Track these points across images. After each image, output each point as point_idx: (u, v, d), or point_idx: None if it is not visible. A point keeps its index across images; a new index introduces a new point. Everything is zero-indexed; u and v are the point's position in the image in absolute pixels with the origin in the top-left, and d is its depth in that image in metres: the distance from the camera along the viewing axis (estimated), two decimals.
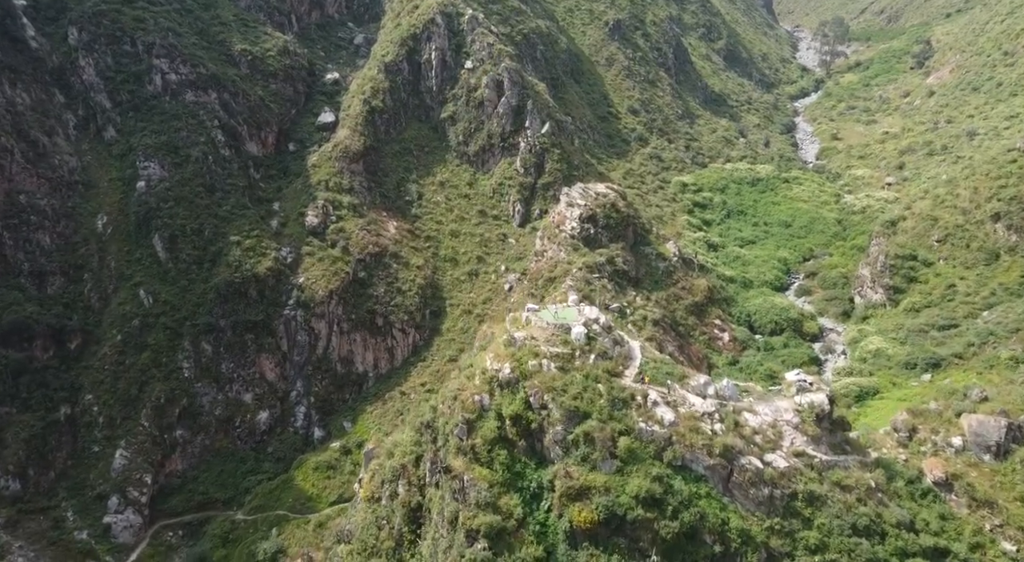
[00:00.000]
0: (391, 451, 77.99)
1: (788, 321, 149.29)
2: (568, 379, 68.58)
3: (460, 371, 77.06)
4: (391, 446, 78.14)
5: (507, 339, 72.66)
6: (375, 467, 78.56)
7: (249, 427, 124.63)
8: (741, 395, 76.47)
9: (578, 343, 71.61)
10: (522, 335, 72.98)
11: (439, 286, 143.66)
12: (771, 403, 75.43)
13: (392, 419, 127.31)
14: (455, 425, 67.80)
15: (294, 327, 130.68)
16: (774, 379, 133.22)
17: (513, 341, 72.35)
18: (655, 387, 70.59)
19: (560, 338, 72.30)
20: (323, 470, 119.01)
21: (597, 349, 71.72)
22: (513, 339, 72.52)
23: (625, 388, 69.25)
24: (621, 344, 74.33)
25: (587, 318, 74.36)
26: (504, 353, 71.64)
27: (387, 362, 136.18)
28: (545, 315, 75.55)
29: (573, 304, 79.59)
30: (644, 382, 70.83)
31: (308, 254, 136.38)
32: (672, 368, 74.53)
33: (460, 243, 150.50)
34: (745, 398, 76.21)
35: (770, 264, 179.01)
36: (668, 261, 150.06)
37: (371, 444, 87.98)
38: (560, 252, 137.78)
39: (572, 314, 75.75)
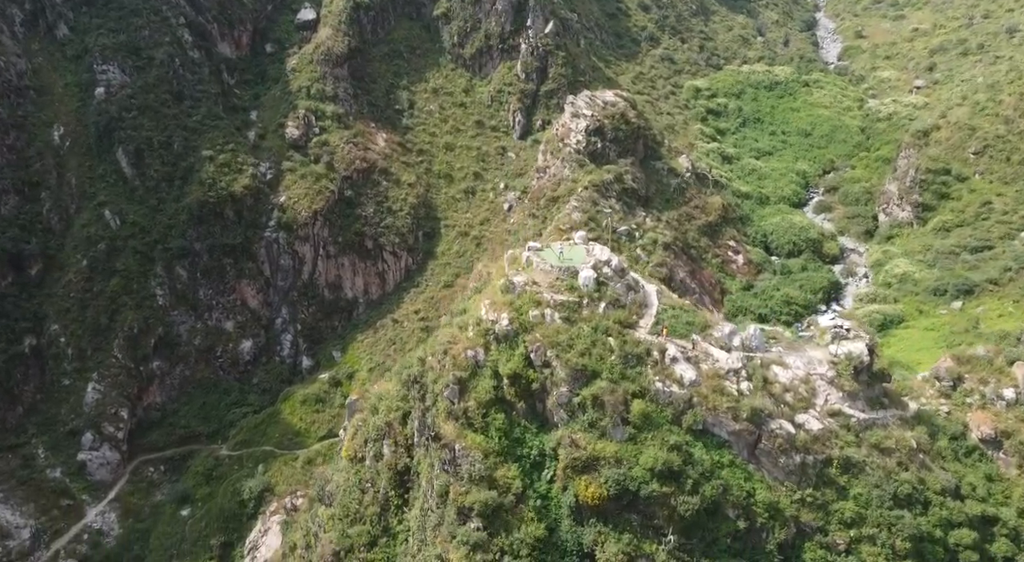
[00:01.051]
0: (375, 405, 69.83)
1: (807, 242, 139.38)
2: (574, 332, 59.42)
3: (451, 318, 67.88)
4: (375, 400, 69.90)
5: (505, 284, 63.04)
6: (358, 423, 70.62)
7: (232, 357, 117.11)
8: (768, 344, 67.63)
9: (586, 289, 62.00)
10: (522, 280, 63.29)
11: (433, 205, 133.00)
12: (803, 354, 66.58)
13: (384, 348, 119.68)
14: (445, 385, 59.13)
15: (276, 251, 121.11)
16: (791, 305, 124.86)
17: (512, 287, 62.74)
18: (674, 340, 61.53)
19: (566, 283, 62.63)
20: (311, 403, 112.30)
21: (608, 296, 62.19)
22: (512, 284, 62.88)
23: (640, 342, 60.13)
24: (635, 289, 64.75)
25: (596, 260, 64.41)
26: (501, 301, 62.18)
27: (378, 287, 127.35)
28: (548, 256, 65.58)
29: (580, 241, 69.44)
30: (662, 334, 61.69)
31: (289, 170, 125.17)
32: (693, 316, 65.24)
33: (455, 158, 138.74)
34: (774, 348, 67.38)
35: (788, 178, 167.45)
36: (680, 177, 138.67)
37: (354, 395, 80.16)
38: (564, 169, 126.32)
39: (579, 254, 65.74)
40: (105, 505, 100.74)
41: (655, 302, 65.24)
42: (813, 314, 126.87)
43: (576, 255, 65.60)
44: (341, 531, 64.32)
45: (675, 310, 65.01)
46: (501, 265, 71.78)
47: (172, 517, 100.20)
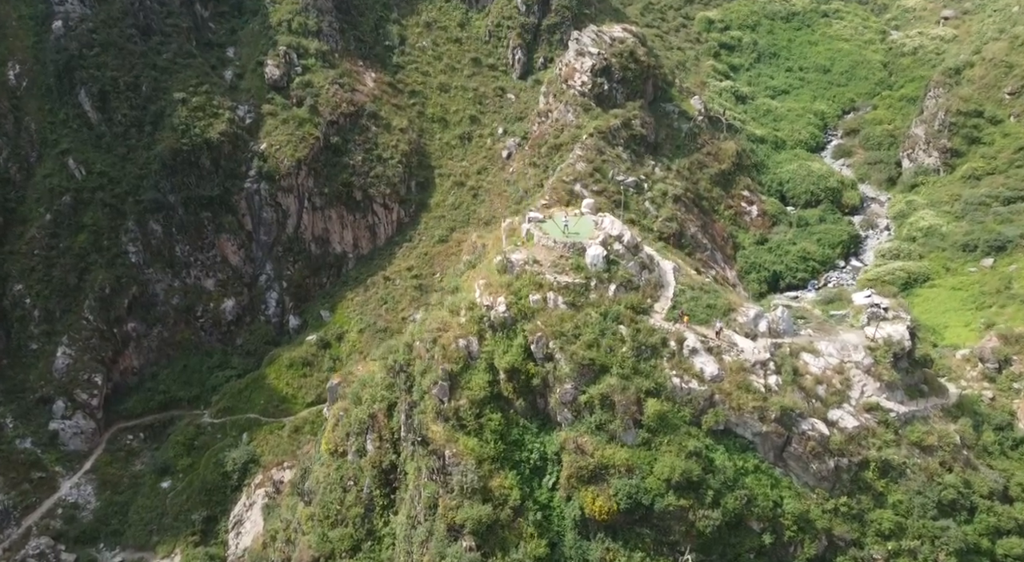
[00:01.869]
0: (358, 394, 62.93)
1: (825, 191, 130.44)
2: (581, 319, 52.05)
3: (441, 298, 60.30)
4: (359, 387, 62.93)
5: (502, 262, 55.33)
6: (339, 413, 63.78)
7: (213, 317, 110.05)
8: (797, 325, 60.33)
9: (595, 269, 54.28)
10: (521, 257, 55.52)
11: (426, 152, 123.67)
12: (836, 338, 59.37)
13: (375, 308, 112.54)
14: (434, 381, 52.02)
15: (258, 203, 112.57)
16: (808, 261, 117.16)
17: (509, 266, 55.03)
18: (694, 328, 54.16)
19: (571, 262, 54.88)
20: (298, 367, 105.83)
21: (619, 277, 54.52)
22: (510, 263, 55.17)
23: (655, 330, 52.80)
24: (650, 269, 56.98)
25: (607, 234, 56.40)
26: (498, 282, 54.56)
27: (368, 241, 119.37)
28: (551, 229, 57.60)
29: (588, 210, 61.13)
30: (681, 321, 54.29)
31: (270, 114, 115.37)
32: (715, 298, 57.58)
33: (450, 100, 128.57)
34: (803, 331, 60.07)
35: (805, 119, 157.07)
36: (692, 121, 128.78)
37: (336, 378, 72.95)
38: (568, 113, 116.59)
39: (587, 227, 57.69)
40: (80, 477, 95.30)
41: (672, 281, 57.59)
42: (831, 270, 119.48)
43: (583, 228, 57.55)
44: (321, 535, 58.35)
45: (694, 291, 57.34)
46: (497, 235, 63.79)
47: (152, 489, 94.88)
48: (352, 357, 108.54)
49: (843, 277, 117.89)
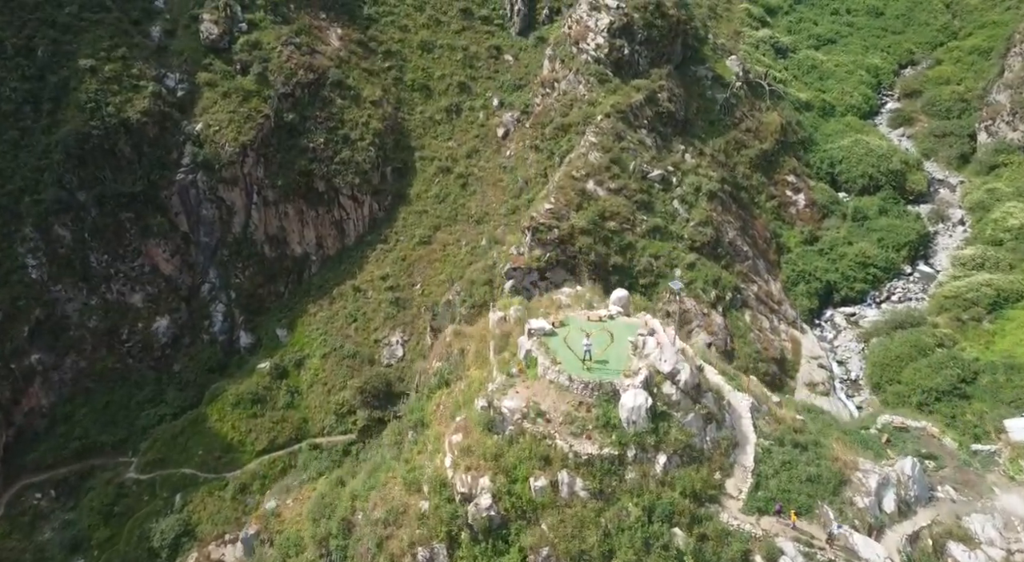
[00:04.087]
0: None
1: (887, 174, 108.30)
2: (613, 521, 32.14)
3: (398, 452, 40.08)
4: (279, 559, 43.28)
5: (487, 414, 34.83)
6: None
7: (143, 340, 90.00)
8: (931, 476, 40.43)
9: (634, 429, 33.95)
10: (517, 404, 35.04)
11: (404, 130, 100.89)
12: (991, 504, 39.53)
13: (342, 326, 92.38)
14: None
15: (195, 198, 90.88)
16: (867, 268, 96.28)
17: (499, 420, 34.62)
18: (795, 526, 34.13)
19: (596, 415, 34.50)
20: (247, 405, 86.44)
21: (673, 440, 34.26)
22: (499, 416, 34.69)
23: (730, 534, 32.93)
24: (718, 419, 36.41)
25: (651, 368, 35.53)
26: (480, 444, 34.41)
27: (335, 240, 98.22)
28: (564, 353, 36.83)
29: (618, 309, 40.11)
30: (780, 516, 34.24)
31: (207, 85, 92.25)
32: (817, 460, 37.23)
33: (435, 62, 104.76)
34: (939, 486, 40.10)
35: (856, 77, 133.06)
36: (729, 88, 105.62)
37: (253, 524, 52.98)
38: (578, 85, 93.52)
39: (619, 351, 36.81)
40: None
41: (751, 435, 37.10)
42: (895, 277, 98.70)
43: (614, 354, 36.64)
44: None
45: (785, 449, 36.97)
46: (484, 333, 42.87)
47: None
48: (314, 390, 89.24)
49: (910, 288, 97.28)
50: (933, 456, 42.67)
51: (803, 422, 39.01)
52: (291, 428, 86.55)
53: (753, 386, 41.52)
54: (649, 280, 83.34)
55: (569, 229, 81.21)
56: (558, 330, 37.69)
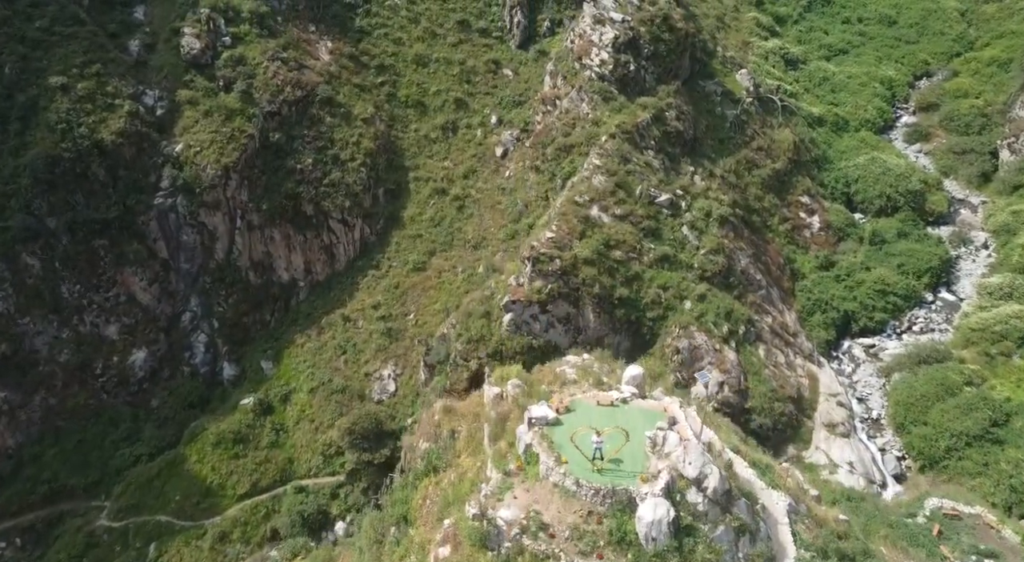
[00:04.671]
0: None
1: (905, 195, 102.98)
2: None
3: None
4: None
5: (479, 527, 29.47)
6: None
7: (118, 374, 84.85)
8: None
9: (653, 547, 28.55)
10: (514, 515, 29.63)
11: (397, 149, 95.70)
12: None
13: (331, 359, 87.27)
14: None
15: (174, 223, 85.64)
16: (887, 296, 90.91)
17: (493, 534, 29.25)
18: None
19: (609, 528, 29.11)
20: (228, 445, 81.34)
21: (700, 558, 28.78)
22: (495, 527, 29.34)
23: None
24: (752, 529, 30.94)
25: (673, 472, 30.12)
26: None
27: (324, 265, 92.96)
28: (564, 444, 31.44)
29: (632, 391, 34.77)
30: None
31: (188, 103, 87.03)
32: None
33: (430, 77, 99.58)
34: None
35: (869, 89, 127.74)
36: (740, 104, 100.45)
37: None
38: (582, 103, 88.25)
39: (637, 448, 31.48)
40: None
41: (790, 549, 31.70)
42: (916, 306, 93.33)
43: (630, 454, 31.22)
44: None
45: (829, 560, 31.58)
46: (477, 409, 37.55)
47: None
48: (300, 427, 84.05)
49: (933, 318, 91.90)
50: (994, 554, 37.34)
51: (847, 523, 33.60)
52: (275, 469, 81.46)
53: (789, 479, 36.14)
54: (657, 313, 78.07)
55: (572, 259, 75.96)
56: (563, 417, 32.40)
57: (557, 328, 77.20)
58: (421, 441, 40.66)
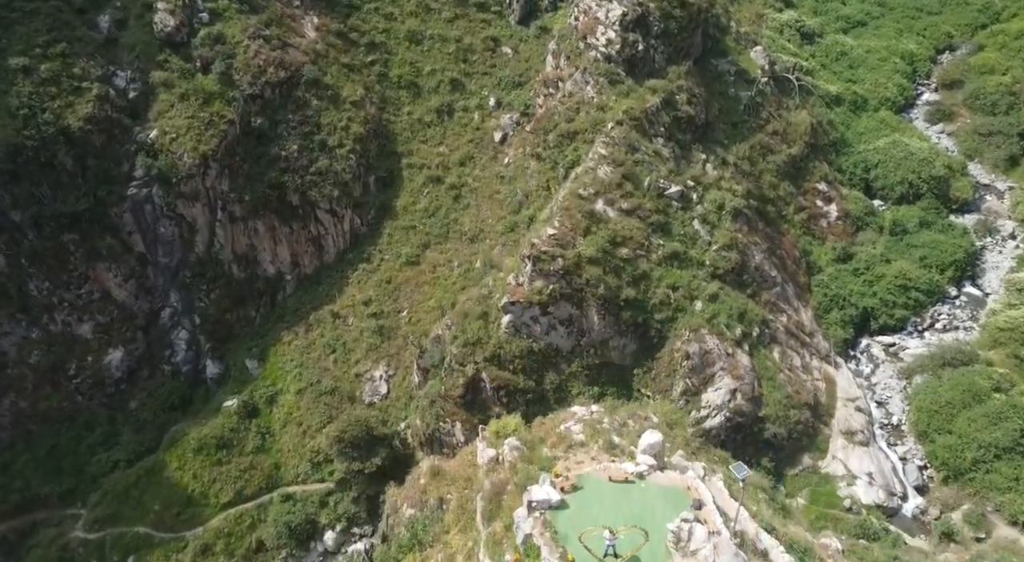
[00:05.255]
0: None
1: (928, 181, 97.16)
2: None
3: None
4: None
5: None
6: None
7: (94, 375, 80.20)
8: None
9: None
10: None
11: (389, 134, 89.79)
12: None
13: (319, 358, 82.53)
14: None
15: (151, 215, 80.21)
16: (908, 292, 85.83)
17: None
18: None
19: None
20: (211, 451, 77.01)
21: None
22: None
23: None
24: None
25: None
26: None
27: (313, 257, 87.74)
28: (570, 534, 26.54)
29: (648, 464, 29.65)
30: None
31: (163, 86, 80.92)
32: None
33: (424, 55, 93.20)
34: None
35: (889, 65, 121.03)
36: (755, 84, 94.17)
37: None
38: (587, 85, 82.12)
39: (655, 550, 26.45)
40: None
41: None
42: (939, 302, 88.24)
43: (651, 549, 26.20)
44: None
45: None
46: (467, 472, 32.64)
47: None
48: (287, 431, 79.59)
49: (957, 314, 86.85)
50: None
51: None
52: (261, 476, 77.19)
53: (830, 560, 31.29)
54: (666, 314, 73.10)
55: (575, 258, 70.78)
56: (569, 497, 27.47)
57: (559, 330, 72.33)
58: (405, 506, 35.90)
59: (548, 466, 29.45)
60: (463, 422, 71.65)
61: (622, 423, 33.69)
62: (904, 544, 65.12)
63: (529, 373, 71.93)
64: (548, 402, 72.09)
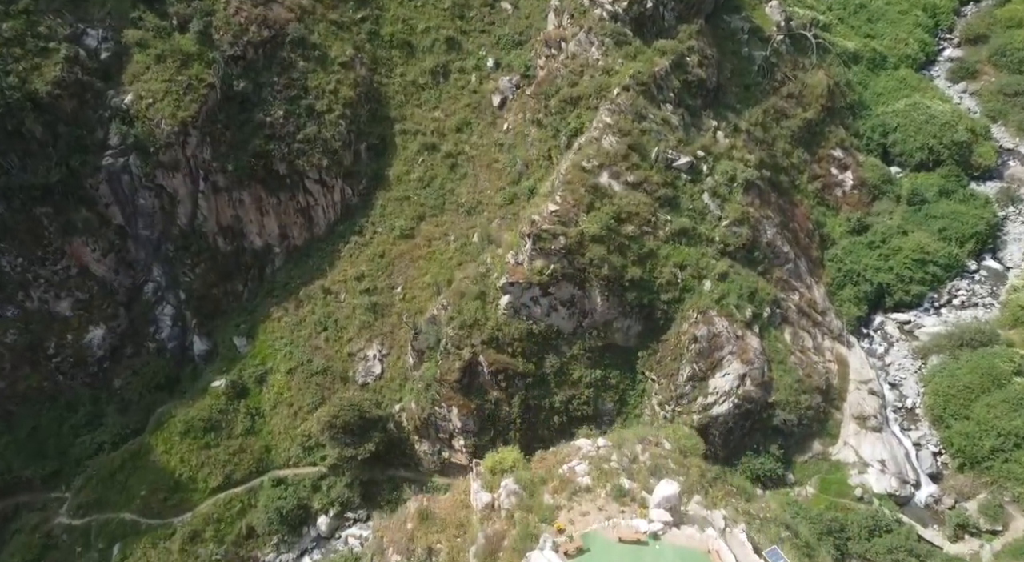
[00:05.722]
0: None
1: (950, 147, 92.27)
2: None
3: None
4: None
5: None
6: None
7: (75, 354, 76.91)
8: None
9: None
10: None
11: (381, 98, 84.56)
12: None
13: (310, 335, 79.21)
14: None
15: (128, 186, 75.74)
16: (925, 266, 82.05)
17: None
18: None
19: None
20: (198, 433, 74.27)
21: None
22: None
23: None
24: None
25: None
26: None
27: (302, 229, 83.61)
28: None
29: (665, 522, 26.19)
30: None
31: (138, 46, 75.49)
32: None
33: (417, 11, 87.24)
34: None
35: (910, 18, 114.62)
36: (769, 43, 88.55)
37: None
38: (591, 47, 76.67)
39: None
40: None
41: None
42: (958, 276, 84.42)
43: None
44: None
45: None
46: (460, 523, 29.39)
47: None
48: (278, 412, 76.72)
49: (976, 290, 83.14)
50: None
51: None
52: (251, 459, 74.59)
53: None
54: (673, 295, 69.44)
55: (578, 236, 66.77)
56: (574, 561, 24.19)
57: (560, 312, 68.78)
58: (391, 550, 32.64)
59: (550, 518, 26.19)
60: (460, 407, 68.69)
61: (632, 459, 30.30)
62: (917, 537, 62.79)
63: (529, 356, 68.76)
64: (548, 386, 69.19)
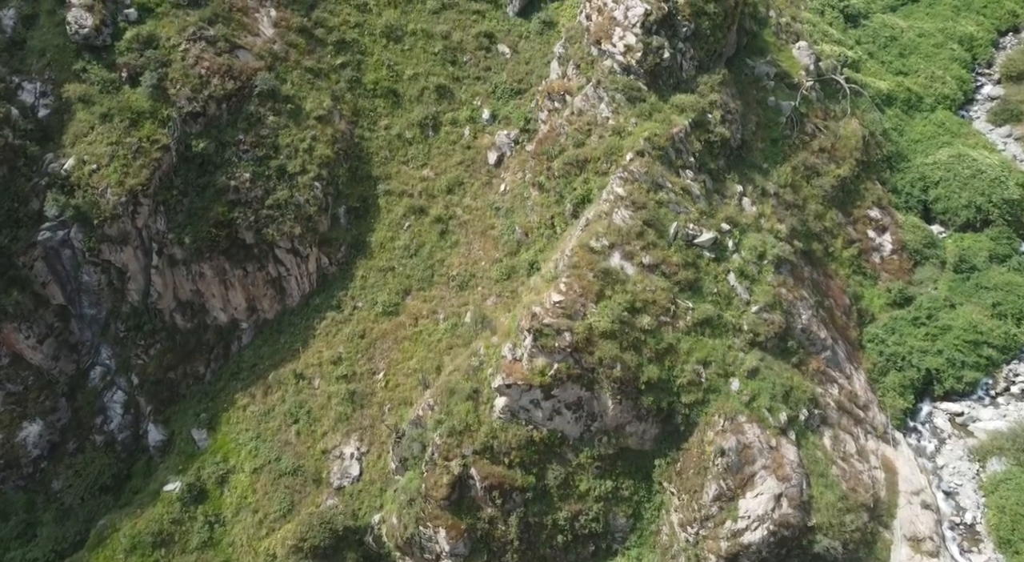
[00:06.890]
0: None
1: (999, 205, 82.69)
2: None
3: None
4: None
5: None
6: None
7: (6, 454, 67.34)
8: None
9: None
10: None
11: (363, 154, 74.80)
12: None
13: (280, 427, 69.56)
14: None
15: (70, 261, 66.17)
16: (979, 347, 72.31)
17: None
18: None
19: None
20: (146, 549, 64.53)
21: None
22: None
23: None
24: None
25: None
26: None
27: (274, 302, 73.93)
28: None
29: None
30: None
31: (80, 102, 65.88)
32: None
33: (404, 56, 77.44)
34: None
35: (946, 52, 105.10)
36: (797, 90, 79.00)
37: None
38: (600, 102, 67.03)
39: None
40: None
41: None
42: (1015, 359, 74.65)
43: None
44: None
45: None
46: None
47: None
48: (241, 519, 66.95)
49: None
50: None
51: None
52: None
53: None
54: (696, 397, 59.81)
55: (586, 331, 57.18)
56: None
57: (565, 415, 59.12)
58: None
59: None
60: (448, 528, 59.00)
61: None
62: None
63: (528, 466, 59.21)
64: (551, 500, 59.51)
